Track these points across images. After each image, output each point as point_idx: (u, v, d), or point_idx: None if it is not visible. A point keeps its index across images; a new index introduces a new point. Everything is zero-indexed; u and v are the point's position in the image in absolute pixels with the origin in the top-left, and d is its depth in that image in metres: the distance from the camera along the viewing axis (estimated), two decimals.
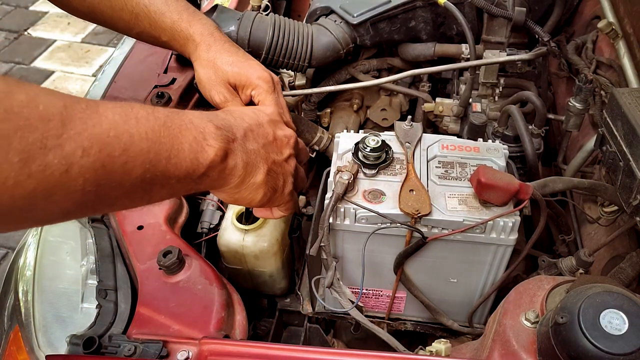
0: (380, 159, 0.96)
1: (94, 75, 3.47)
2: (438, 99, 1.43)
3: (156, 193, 0.64)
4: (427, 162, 0.99)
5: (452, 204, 0.92)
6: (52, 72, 3.52)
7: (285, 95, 1.51)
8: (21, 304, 0.95)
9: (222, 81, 1.00)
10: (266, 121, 0.82)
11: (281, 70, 1.52)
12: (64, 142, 0.51)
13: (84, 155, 0.52)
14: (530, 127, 1.21)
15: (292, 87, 1.52)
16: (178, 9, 1.02)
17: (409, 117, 1.06)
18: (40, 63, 3.60)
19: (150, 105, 0.68)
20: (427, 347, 0.92)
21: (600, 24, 1.28)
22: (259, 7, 1.49)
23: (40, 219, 0.56)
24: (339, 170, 0.94)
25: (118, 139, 0.56)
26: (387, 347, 0.92)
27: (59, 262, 1.00)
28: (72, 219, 0.64)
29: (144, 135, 0.59)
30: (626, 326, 0.64)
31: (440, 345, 0.89)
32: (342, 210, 0.93)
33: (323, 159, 1.51)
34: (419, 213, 0.89)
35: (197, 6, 1.49)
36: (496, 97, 1.40)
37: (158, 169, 0.61)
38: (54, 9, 3.82)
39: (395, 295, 1.08)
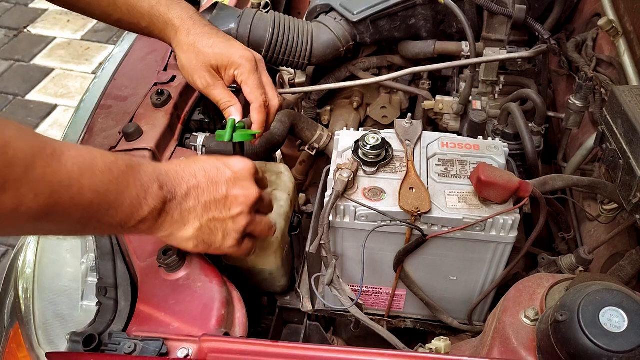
0: (380, 157, 0.96)
1: (93, 72, 3.46)
2: (438, 97, 1.43)
3: (88, 232, 0.80)
4: (427, 159, 0.99)
5: (452, 201, 0.92)
6: (52, 70, 3.52)
7: (285, 93, 1.52)
8: (21, 302, 0.95)
9: (204, 65, 1.00)
10: (224, 180, 0.82)
11: (281, 68, 1.52)
12: (20, 186, 0.57)
13: (34, 199, 0.59)
14: (530, 124, 1.21)
15: (292, 85, 1.52)
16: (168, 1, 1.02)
17: (409, 114, 1.06)
18: (40, 60, 3.60)
19: (113, 154, 0.72)
20: (426, 345, 0.92)
21: (601, 22, 1.27)
22: (259, 4, 1.49)
23: None
24: (339, 168, 0.94)
25: (69, 189, 0.63)
26: (386, 345, 0.92)
27: (59, 260, 1.00)
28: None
29: (93, 188, 0.65)
30: (625, 324, 0.64)
31: (439, 342, 0.89)
32: (342, 208, 0.93)
33: (323, 157, 1.51)
34: (419, 211, 0.89)
35: (197, 4, 1.49)
36: (496, 95, 1.40)
37: (95, 217, 0.68)
38: (54, 7, 3.82)
39: (395, 292, 1.08)
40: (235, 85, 1.04)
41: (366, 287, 1.09)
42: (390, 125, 1.44)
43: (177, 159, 0.85)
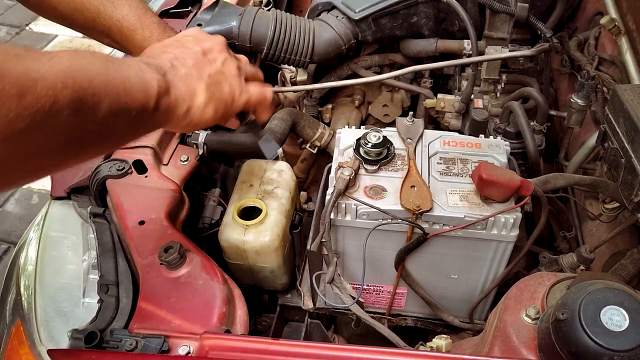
0: (382, 155, 0.96)
1: None
2: (440, 95, 1.43)
3: (122, 128, 0.71)
4: (429, 158, 0.99)
5: (453, 200, 0.92)
6: None
7: (286, 91, 1.52)
8: (23, 299, 0.95)
9: None
10: (190, 42, 0.86)
11: (283, 66, 1.52)
12: (45, 74, 0.57)
13: (64, 87, 0.58)
14: (532, 123, 1.21)
15: (294, 83, 1.52)
16: (150, 26, 1.03)
17: (411, 113, 1.06)
18: None
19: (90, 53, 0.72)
20: (427, 343, 0.92)
21: (603, 20, 1.27)
22: (261, 2, 1.49)
23: (37, 164, 0.61)
24: (340, 166, 0.94)
25: (82, 72, 0.62)
26: (387, 343, 0.92)
27: (60, 257, 1.00)
28: (62, 166, 0.68)
29: (98, 70, 0.65)
30: (627, 323, 0.64)
31: (440, 341, 0.89)
32: (343, 206, 0.93)
33: (324, 155, 1.51)
34: (420, 209, 0.89)
35: (199, 1, 1.49)
36: (498, 94, 1.40)
37: (119, 102, 0.67)
38: None
39: (396, 291, 1.08)
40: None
41: (367, 285, 1.09)
42: (392, 124, 1.44)
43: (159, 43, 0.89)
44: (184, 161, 1.12)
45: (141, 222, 0.97)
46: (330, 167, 1.00)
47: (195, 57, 0.83)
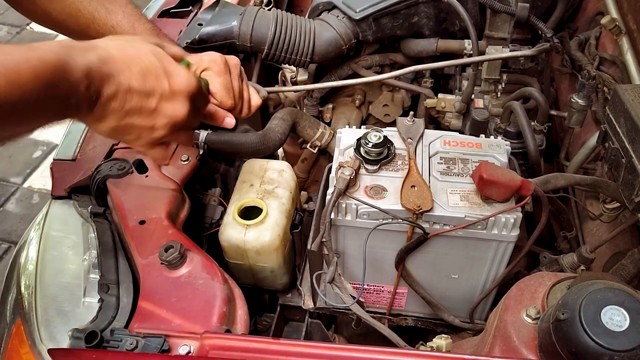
0: (382, 155, 0.96)
1: None
2: (440, 95, 1.43)
3: (41, 122, 0.72)
4: (429, 158, 0.99)
5: (453, 200, 0.92)
6: None
7: (287, 91, 1.52)
8: (24, 298, 0.95)
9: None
10: (159, 92, 0.79)
11: (283, 66, 1.52)
12: None
13: None
14: (532, 123, 1.21)
15: (294, 83, 1.52)
16: (144, 33, 1.03)
17: (411, 113, 1.06)
18: None
19: (40, 47, 0.69)
20: (428, 343, 0.92)
21: (604, 20, 1.27)
22: (262, 2, 1.49)
23: None
24: (340, 166, 0.94)
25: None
26: (388, 343, 0.92)
27: (61, 256, 1.00)
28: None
29: (23, 94, 0.64)
30: (627, 323, 0.64)
31: (441, 340, 0.89)
32: (343, 205, 0.93)
33: (325, 155, 1.51)
34: (421, 209, 0.89)
35: (200, 0, 1.49)
36: (499, 93, 1.40)
37: (38, 112, 0.69)
38: None
39: (397, 291, 1.08)
40: None
41: (367, 285, 1.09)
42: (393, 124, 1.44)
43: (126, 42, 0.80)
44: (184, 161, 1.12)
45: (142, 222, 0.97)
46: (331, 166, 1.00)
47: (139, 107, 0.77)
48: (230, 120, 1.00)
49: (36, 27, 3.85)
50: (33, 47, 0.68)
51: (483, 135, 1.05)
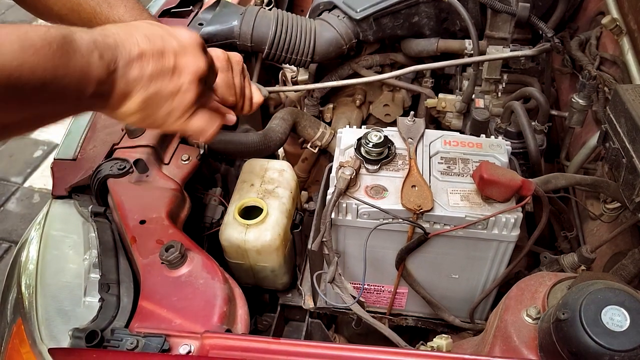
0: (383, 155, 0.96)
1: None
2: (441, 95, 1.43)
3: (58, 110, 0.69)
4: (430, 157, 0.99)
5: (454, 199, 0.92)
6: None
7: (287, 91, 1.52)
8: (24, 298, 0.95)
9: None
10: (172, 49, 0.75)
11: (284, 66, 1.52)
12: None
13: None
14: (533, 123, 1.21)
15: (295, 83, 1.52)
16: None
17: (412, 112, 1.06)
18: None
19: (42, 26, 0.66)
20: (428, 343, 0.93)
21: (604, 20, 1.27)
22: (262, 1, 1.49)
23: None
24: (341, 166, 0.94)
25: (20, 67, 0.60)
26: (388, 343, 0.92)
27: (61, 256, 1.00)
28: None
29: (40, 64, 0.62)
30: (627, 323, 0.64)
31: (441, 340, 0.89)
32: (344, 205, 0.93)
33: (325, 155, 1.51)
34: (421, 209, 0.89)
35: (200, 0, 1.49)
36: (499, 93, 1.40)
37: (55, 94, 0.66)
38: None
39: (397, 290, 1.08)
40: None
41: (368, 285, 1.09)
42: (393, 123, 1.44)
43: (118, 23, 0.78)
44: (185, 160, 1.12)
45: (142, 221, 0.97)
46: (331, 166, 1.00)
47: (159, 68, 0.74)
48: (231, 117, 0.98)
49: None
50: (32, 26, 0.65)
51: (483, 135, 1.05)
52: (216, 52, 1.00)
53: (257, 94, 1.06)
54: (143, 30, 0.74)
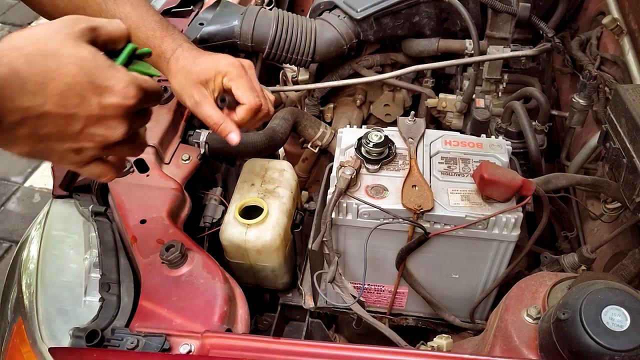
0: (383, 155, 0.96)
1: None
2: (441, 95, 1.43)
3: None
4: (430, 157, 0.99)
5: (454, 199, 0.92)
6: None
7: (288, 90, 1.52)
8: (24, 297, 0.95)
9: (192, 83, 0.98)
10: (85, 115, 0.62)
11: (284, 65, 1.52)
12: None
13: None
14: (533, 123, 1.21)
15: (295, 82, 1.52)
16: (152, 24, 1.01)
17: (412, 112, 1.06)
18: None
19: None
20: (428, 343, 0.93)
21: (605, 20, 1.27)
22: (263, 1, 1.49)
23: None
24: (341, 166, 0.94)
25: None
26: (388, 342, 0.92)
27: (62, 255, 1.00)
28: None
29: None
30: (628, 323, 0.64)
31: (441, 340, 0.89)
32: (344, 205, 0.93)
33: (326, 155, 1.51)
34: (422, 209, 0.89)
35: (201, 0, 1.49)
36: (500, 93, 1.40)
37: None
38: None
39: (397, 290, 1.08)
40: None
41: (368, 285, 1.09)
42: (393, 123, 1.44)
43: (44, 45, 0.59)
44: (185, 160, 1.12)
45: (143, 221, 0.97)
46: (332, 166, 1.00)
47: (59, 131, 0.61)
48: (233, 137, 0.97)
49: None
50: None
51: (484, 135, 1.05)
52: (230, 60, 1.00)
53: (269, 92, 1.06)
54: (62, 82, 0.59)
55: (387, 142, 0.96)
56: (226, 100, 0.99)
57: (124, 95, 0.63)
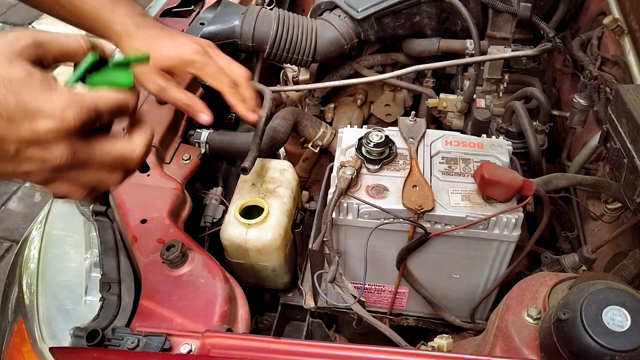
0: (384, 155, 0.96)
1: None
2: (442, 95, 1.43)
3: None
4: (431, 157, 0.99)
5: (455, 199, 0.92)
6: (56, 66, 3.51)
7: (288, 90, 1.52)
8: (25, 297, 0.95)
9: (153, 70, 0.96)
10: (15, 140, 0.56)
11: (285, 65, 1.52)
12: None
13: None
14: (534, 123, 1.21)
15: (296, 82, 1.52)
16: (123, 7, 0.98)
17: (413, 112, 1.06)
18: None
19: None
20: (429, 343, 0.93)
21: (606, 20, 1.27)
22: (263, 1, 1.49)
23: None
24: (342, 166, 0.94)
25: None
26: (389, 342, 0.92)
27: (62, 255, 1.00)
28: None
29: None
30: (628, 323, 0.64)
31: (442, 340, 0.89)
32: (345, 205, 0.93)
33: (326, 155, 1.51)
34: (422, 209, 0.89)
35: (201, 0, 1.49)
36: (500, 93, 1.40)
37: None
38: None
39: (398, 290, 1.08)
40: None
41: (369, 285, 1.09)
42: (394, 123, 1.44)
43: None
44: (186, 160, 1.12)
45: (143, 221, 0.97)
46: (332, 166, 1.00)
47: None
48: (204, 117, 0.96)
49: (38, 26, 3.85)
50: None
51: (485, 135, 1.05)
52: (193, 47, 0.98)
53: (238, 69, 1.02)
54: None
55: (387, 142, 0.96)
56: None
57: (60, 118, 0.57)
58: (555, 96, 1.52)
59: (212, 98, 1.17)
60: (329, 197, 0.92)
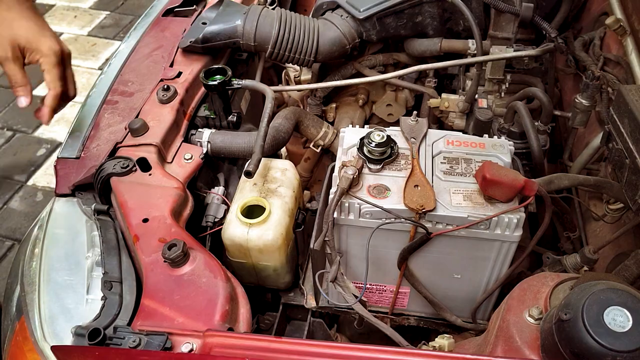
0: (385, 154, 0.96)
1: (100, 68, 3.47)
2: (444, 95, 1.43)
3: None
4: (432, 157, 0.99)
5: (456, 199, 0.92)
6: None
7: (290, 90, 1.52)
8: (27, 295, 0.95)
9: (11, 40, 1.03)
10: None
11: (287, 65, 1.52)
12: None
13: None
14: (536, 123, 1.21)
15: (298, 82, 1.52)
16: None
17: (415, 112, 1.06)
18: None
19: None
20: (430, 342, 0.93)
21: (608, 21, 1.27)
22: (265, 1, 1.49)
23: None
24: (343, 165, 0.94)
25: None
26: (390, 342, 0.92)
27: (64, 254, 1.00)
28: None
29: None
30: (630, 323, 0.64)
31: (443, 340, 0.89)
32: (346, 205, 0.93)
33: (328, 154, 1.51)
34: (424, 208, 0.89)
35: None
36: (502, 93, 1.39)
37: None
38: (61, 2, 3.82)
39: (399, 290, 1.08)
40: None
41: (370, 285, 1.09)
42: (396, 123, 1.44)
43: None
44: (188, 159, 1.13)
45: (145, 220, 0.97)
46: (334, 166, 1.00)
47: None
48: (22, 100, 1.04)
49: None
50: None
51: (486, 135, 1.05)
52: (55, 45, 1.05)
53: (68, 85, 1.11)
54: None
55: (389, 142, 0.96)
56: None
57: None
58: (557, 96, 1.52)
59: (215, 97, 1.17)
60: (331, 196, 0.93)
